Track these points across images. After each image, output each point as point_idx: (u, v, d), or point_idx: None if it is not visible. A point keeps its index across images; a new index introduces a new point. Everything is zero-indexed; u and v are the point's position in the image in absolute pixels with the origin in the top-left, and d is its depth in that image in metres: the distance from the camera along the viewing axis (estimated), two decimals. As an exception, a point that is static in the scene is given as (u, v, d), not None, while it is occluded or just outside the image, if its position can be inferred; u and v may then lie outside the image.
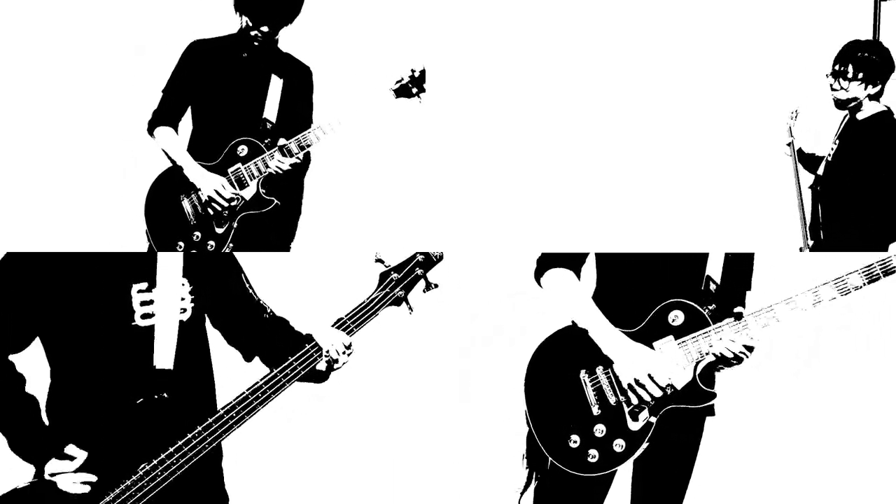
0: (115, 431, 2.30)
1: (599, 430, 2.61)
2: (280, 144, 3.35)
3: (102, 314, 2.31)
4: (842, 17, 3.73)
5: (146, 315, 2.34)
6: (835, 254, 3.38)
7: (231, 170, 3.37)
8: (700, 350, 2.60)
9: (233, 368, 2.56)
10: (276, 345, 2.50)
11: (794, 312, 2.57)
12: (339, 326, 2.46)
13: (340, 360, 2.46)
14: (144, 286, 2.35)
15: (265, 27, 3.32)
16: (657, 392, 2.57)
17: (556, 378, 2.65)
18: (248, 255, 2.71)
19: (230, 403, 2.36)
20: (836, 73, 3.31)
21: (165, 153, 3.42)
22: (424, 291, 2.52)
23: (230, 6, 3.36)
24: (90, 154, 3.99)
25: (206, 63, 3.43)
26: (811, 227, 3.46)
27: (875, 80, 3.30)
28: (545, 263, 2.72)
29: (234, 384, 2.45)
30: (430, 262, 2.52)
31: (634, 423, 2.61)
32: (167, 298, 2.35)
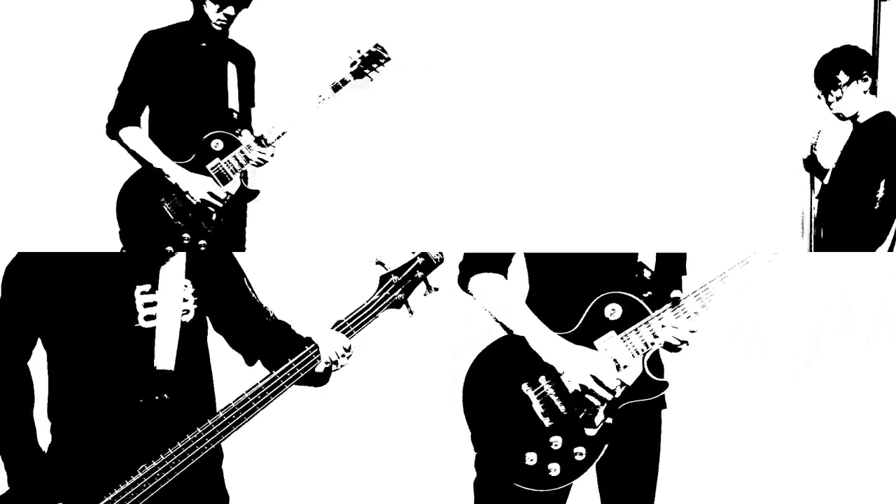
0: (116, 432, 2.31)
1: (556, 443, 2.50)
2: (257, 136, 3.30)
3: (106, 315, 2.32)
4: (842, 18, 3.73)
5: (149, 317, 2.35)
6: (834, 254, 3.39)
7: (211, 166, 3.29)
8: (645, 341, 2.52)
9: (233, 370, 2.57)
10: (279, 349, 2.49)
11: (729, 289, 2.50)
12: (339, 329, 2.46)
13: (339, 363, 2.46)
14: (147, 287, 2.36)
15: (231, 9, 3.25)
16: (607, 395, 2.48)
17: (497, 394, 2.53)
18: (249, 257, 2.71)
19: (229, 405, 2.37)
20: (825, 86, 3.32)
21: (136, 155, 3.29)
22: (425, 295, 2.51)
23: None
24: (89, 152, 3.93)
25: (164, 55, 3.29)
26: (816, 236, 3.46)
27: (861, 72, 3.30)
28: (469, 268, 2.60)
29: (234, 386, 2.46)
30: (431, 265, 2.51)
31: (592, 430, 2.51)
32: (169, 300, 2.36)
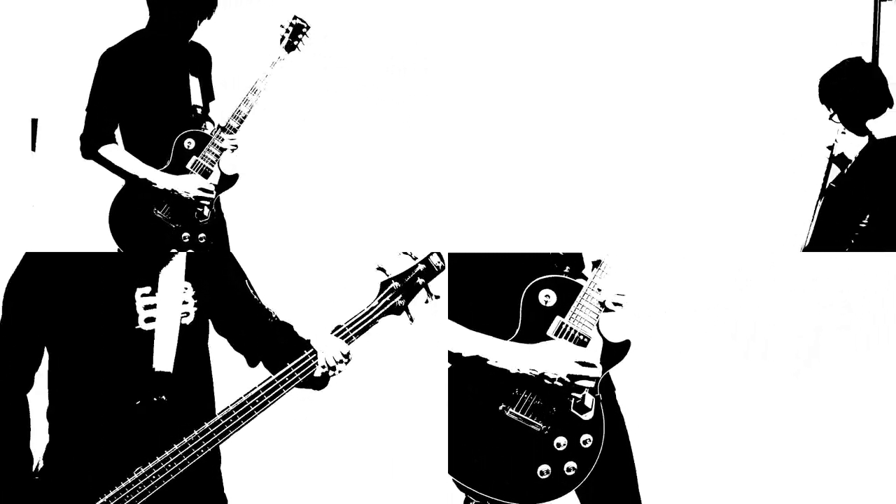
0: (114, 433, 2.31)
1: (559, 444, 2.49)
2: (220, 125, 3.40)
3: (107, 317, 2.33)
4: (842, 18, 3.72)
5: (150, 319, 2.35)
6: (834, 254, 3.38)
7: (190, 164, 3.37)
8: (594, 311, 2.48)
9: (233, 373, 2.57)
10: (280, 350, 2.50)
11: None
12: (339, 334, 2.46)
13: (338, 369, 2.47)
14: (148, 290, 2.36)
15: (196, 20, 3.36)
16: (596, 372, 2.45)
17: (482, 425, 2.46)
18: (249, 258, 2.71)
19: (227, 408, 2.37)
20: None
21: (120, 171, 3.35)
22: (426, 302, 2.51)
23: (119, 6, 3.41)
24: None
25: (125, 70, 3.35)
26: (815, 232, 3.46)
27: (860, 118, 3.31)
28: None
29: (235, 389, 2.46)
30: (432, 272, 2.51)
31: (588, 413, 2.48)
32: (169, 302, 2.37)
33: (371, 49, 4.02)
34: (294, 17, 3.49)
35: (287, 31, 3.48)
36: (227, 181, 3.47)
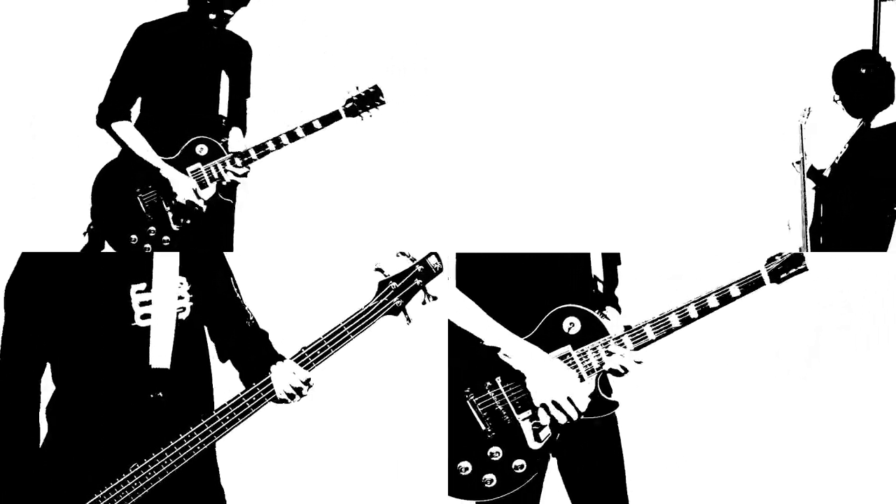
0: (111, 430, 2.32)
1: (495, 453, 2.48)
2: (236, 151, 3.33)
3: (103, 315, 2.34)
4: (842, 18, 3.72)
5: (146, 315, 2.36)
6: (834, 254, 3.38)
7: (191, 170, 3.33)
8: (601, 360, 2.51)
9: (231, 368, 2.59)
10: (249, 356, 2.52)
11: (686, 321, 2.50)
12: (338, 331, 2.46)
13: (296, 398, 2.46)
14: (143, 286, 2.37)
15: (229, 10, 3.27)
16: (574, 415, 2.46)
17: (448, 403, 2.51)
18: (248, 257, 2.72)
19: (224, 406, 2.38)
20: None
21: (127, 148, 3.31)
22: (423, 303, 2.51)
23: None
24: (88, 152, 3.91)
25: (157, 48, 3.30)
26: (812, 230, 3.46)
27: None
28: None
29: (234, 384, 2.48)
30: (430, 273, 2.50)
31: (536, 443, 2.49)
32: (164, 298, 2.37)
33: (371, 49, 4.03)
34: (373, 87, 3.35)
35: (358, 97, 3.34)
36: (219, 204, 3.42)
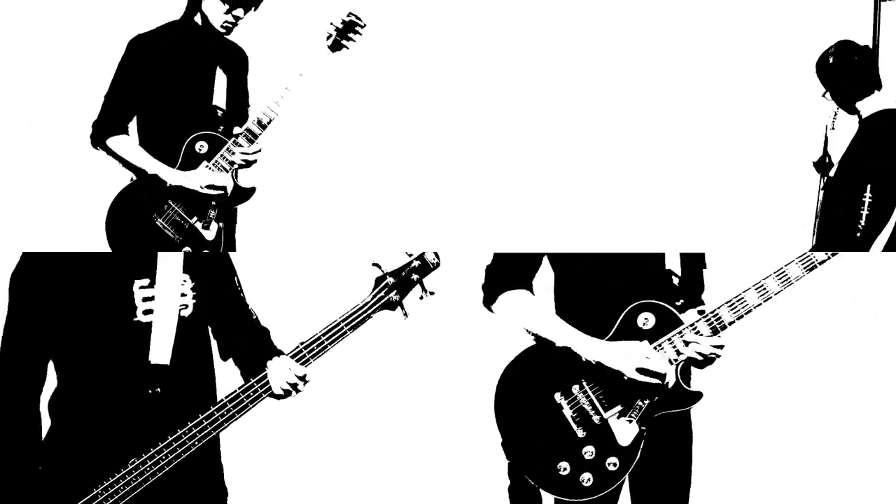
0: (112, 425, 2.33)
1: (589, 453, 2.54)
2: (238, 132, 3.20)
3: (105, 310, 2.34)
4: (842, 18, 3.72)
5: (148, 311, 2.37)
6: (833, 254, 3.37)
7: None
8: (678, 350, 2.54)
9: (233, 364, 2.60)
10: (252, 353, 2.53)
11: (764, 298, 2.54)
12: (334, 327, 2.47)
13: (293, 393, 2.47)
14: (147, 282, 2.37)
15: (240, 11, 3.18)
16: (659, 372, 2.50)
17: (529, 405, 2.56)
18: (250, 256, 2.73)
19: (221, 401, 2.39)
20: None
21: (127, 164, 3.20)
22: (420, 298, 2.52)
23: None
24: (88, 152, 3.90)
25: (152, 60, 3.20)
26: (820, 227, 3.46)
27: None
28: (494, 287, 2.62)
29: (236, 380, 2.49)
30: (427, 268, 2.50)
31: (624, 438, 2.55)
32: (167, 295, 2.38)
33: (371, 49, 4.03)
34: (348, 14, 3.16)
35: (336, 29, 3.16)
36: (242, 193, 3.31)
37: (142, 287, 2.38)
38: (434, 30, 3.97)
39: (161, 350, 2.37)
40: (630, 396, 2.56)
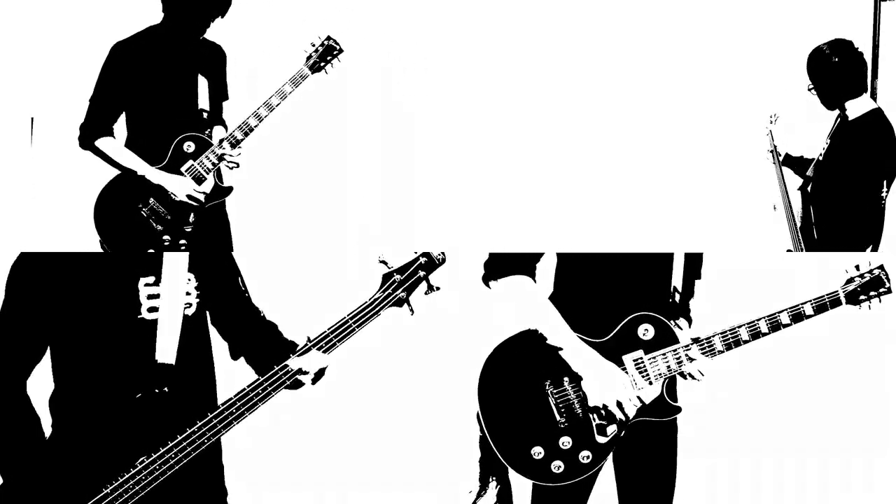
0: (117, 424, 2.32)
1: (565, 442, 2.59)
2: (223, 137, 3.35)
3: (110, 307, 2.34)
4: (842, 18, 3.73)
5: (153, 308, 2.37)
6: (828, 254, 3.38)
7: (185, 168, 3.34)
8: (669, 367, 2.62)
9: (235, 364, 2.60)
10: (262, 349, 2.56)
11: (755, 336, 2.63)
12: (343, 325, 2.47)
13: (318, 380, 2.50)
14: (151, 280, 2.37)
15: (218, 19, 3.31)
16: (626, 414, 2.57)
17: (517, 386, 2.60)
18: (252, 254, 2.73)
19: (230, 399, 2.39)
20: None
21: (115, 164, 3.32)
22: (426, 293, 2.53)
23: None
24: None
25: (134, 64, 3.32)
26: (802, 229, 3.46)
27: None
28: (496, 269, 2.64)
29: (237, 380, 2.48)
30: (433, 265, 2.53)
31: (602, 437, 2.60)
32: (172, 293, 2.38)
33: (371, 49, 4.03)
34: (328, 38, 3.38)
35: (316, 51, 3.37)
36: (221, 192, 3.44)
37: (147, 284, 2.38)
38: (434, 30, 3.97)
39: (167, 349, 2.37)
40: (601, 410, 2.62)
